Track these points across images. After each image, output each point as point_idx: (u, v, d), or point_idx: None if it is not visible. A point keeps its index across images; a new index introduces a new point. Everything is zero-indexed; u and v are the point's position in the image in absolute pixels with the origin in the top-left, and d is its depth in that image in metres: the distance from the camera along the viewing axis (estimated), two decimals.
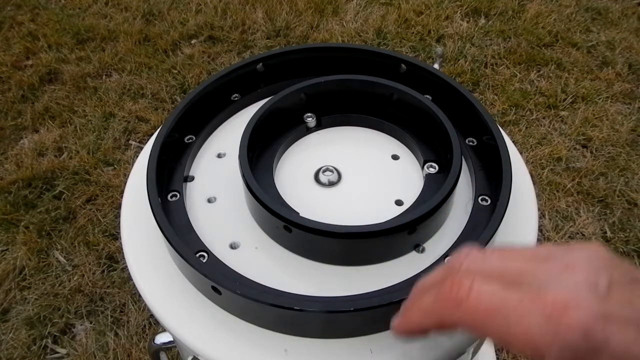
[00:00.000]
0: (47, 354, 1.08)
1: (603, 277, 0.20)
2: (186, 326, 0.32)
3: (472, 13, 1.93)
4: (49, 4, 2.07)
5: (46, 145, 1.50)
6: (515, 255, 0.22)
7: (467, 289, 0.21)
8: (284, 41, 1.83)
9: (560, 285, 0.19)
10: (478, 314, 0.20)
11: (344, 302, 0.29)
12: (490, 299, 0.20)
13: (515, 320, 0.19)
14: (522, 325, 0.19)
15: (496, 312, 0.20)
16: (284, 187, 0.38)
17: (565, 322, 0.19)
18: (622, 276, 0.20)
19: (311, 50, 0.46)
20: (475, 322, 0.20)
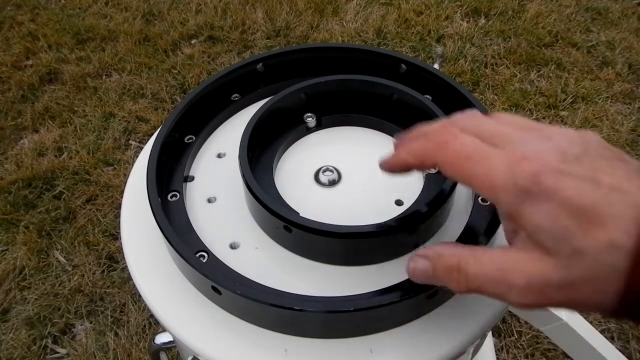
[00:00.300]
0: (47, 354, 1.09)
1: (576, 147, 0.22)
2: (186, 326, 0.32)
3: (472, 13, 1.93)
4: (49, 4, 2.07)
5: (46, 145, 1.50)
6: (509, 122, 0.25)
7: (454, 137, 0.24)
8: (284, 41, 1.83)
9: (531, 146, 0.23)
10: (456, 157, 0.24)
11: (344, 302, 0.29)
12: (471, 147, 0.23)
13: (484, 166, 0.23)
14: (488, 170, 0.23)
15: (471, 158, 0.23)
16: (284, 187, 0.38)
17: (520, 169, 0.22)
18: (605, 152, 0.22)
19: (311, 50, 0.46)
20: (452, 164, 0.24)
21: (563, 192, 0.21)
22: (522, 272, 0.22)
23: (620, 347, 1.05)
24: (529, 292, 0.22)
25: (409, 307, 0.31)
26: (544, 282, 0.21)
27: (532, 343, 1.07)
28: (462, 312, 0.32)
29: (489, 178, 0.23)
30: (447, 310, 0.32)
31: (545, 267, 0.21)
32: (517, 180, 0.22)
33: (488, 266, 0.23)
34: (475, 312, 0.32)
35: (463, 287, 0.24)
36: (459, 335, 0.31)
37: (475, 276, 0.23)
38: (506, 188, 0.22)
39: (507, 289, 0.22)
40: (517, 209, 0.22)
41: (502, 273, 0.22)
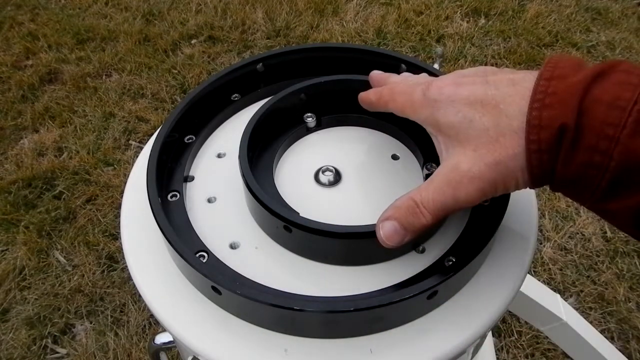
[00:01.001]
0: (47, 354, 1.09)
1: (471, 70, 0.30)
2: (186, 326, 0.32)
3: (472, 13, 1.93)
4: (49, 4, 2.07)
5: (46, 145, 1.50)
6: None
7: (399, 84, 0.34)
8: (284, 41, 1.83)
9: (438, 78, 0.31)
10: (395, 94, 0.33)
11: (344, 302, 0.29)
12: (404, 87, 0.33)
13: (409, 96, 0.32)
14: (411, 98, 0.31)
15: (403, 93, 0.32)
16: (284, 187, 0.38)
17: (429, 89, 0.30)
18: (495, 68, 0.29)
19: (311, 50, 0.46)
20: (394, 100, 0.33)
21: (461, 94, 0.28)
22: (457, 170, 0.27)
23: (620, 347, 1.05)
24: (470, 182, 0.27)
25: (409, 307, 0.31)
26: (474, 166, 0.26)
27: (532, 343, 1.07)
28: (462, 312, 0.32)
29: (412, 103, 0.31)
30: (447, 311, 0.32)
31: (468, 156, 0.27)
32: (428, 96, 0.29)
33: (433, 184, 0.28)
34: (475, 313, 0.32)
35: (430, 214, 0.28)
36: (459, 335, 0.31)
37: (432, 199, 0.28)
38: (422, 105, 0.30)
39: (455, 190, 0.27)
40: (433, 118, 0.29)
41: (446, 181, 0.28)
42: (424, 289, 0.29)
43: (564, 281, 1.17)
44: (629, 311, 1.11)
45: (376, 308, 0.29)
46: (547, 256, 1.21)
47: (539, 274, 1.18)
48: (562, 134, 0.24)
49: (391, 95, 0.33)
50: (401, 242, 0.29)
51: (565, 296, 1.14)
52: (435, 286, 0.30)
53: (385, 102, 0.34)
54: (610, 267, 1.18)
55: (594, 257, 1.21)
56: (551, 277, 1.18)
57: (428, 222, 0.28)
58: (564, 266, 1.19)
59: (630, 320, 1.09)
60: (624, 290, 1.14)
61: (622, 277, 1.17)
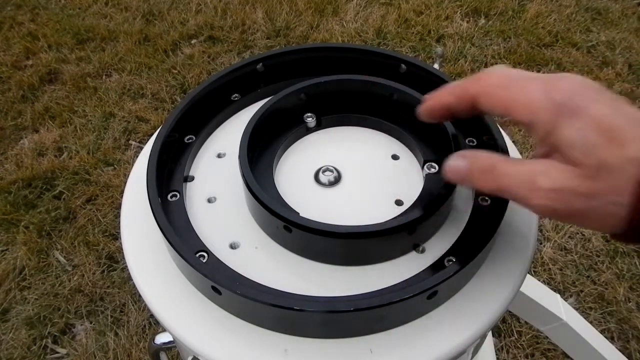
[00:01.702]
0: (47, 354, 1.09)
1: (597, 84, 0.25)
2: (186, 326, 0.32)
3: (472, 13, 1.94)
4: (49, 4, 2.07)
5: (46, 145, 1.50)
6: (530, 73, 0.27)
7: (490, 74, 0.27)
8: (284, 41, 1.83)
9: (562, 75, 0.25)
10: (495, 86, 0.26)
11: (344, 302, 0.29)
12: (508, 79, 0.26)
13: (521, 92, 0.25)
14: (525, 94, 0.25)
15: (508, 87, 0.26)
16: (284, 187, 0.38)
17: (556, 89, 0.25)
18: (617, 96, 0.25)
19: (311, 50, 0.46)
20: (491, 94, 0.26)
21: (593, 112, 0.24)
22: (549, 177, 0.24)
23: (620, 347, 1.05)
24: (552, 195, 0.24)
25: (409, 307, 0.31)
26: (568, 189, 0.24)
27: (532, 343, 1.07)
28: (462, 312, 0.32)
29: (527, 101, 0.25)
30: (447, 310, 0.32)
31: (572, 176, 0.24)
32: (554, 98, 0.24)
33: (519, 167, 0.26)
34: (475, 312, 0.32)
35: (492, 185, 0.26)
36: (459, 335, 0.31)
37: (505, 175, 0.26)
38: (544, 106, 0.25)
39: (532, 191, 0.25)
40: (553, 125, 0.24)
41: (530, 176, 0.25)
42: (424, 289, 0.29)
43: (564, 281, 1.17)
44: (629, 311, 1.10)
45: (376, 308, 0.29)
46: (547, 256, 1.21)
47: (539, 274, 1.18)
48: None
49: (484, 89, 0.27)
50: (458, 182, 0.29)
51: (565, 296, 1.14)
52: (435, 286, 0.30)
53: (473, 98, 0.27)
54: (610, 267, 1.18)
55: (594, 257, 1.21)
56: (551, 277, 1.18)
57: (486, 190, 0.27)
58: (564, 266, 1.19)
59: (630, 320, 1.09)
60: (624, 290, 1.14)
61: (622, 277, 1.17)
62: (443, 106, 0.30)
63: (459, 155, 0.28)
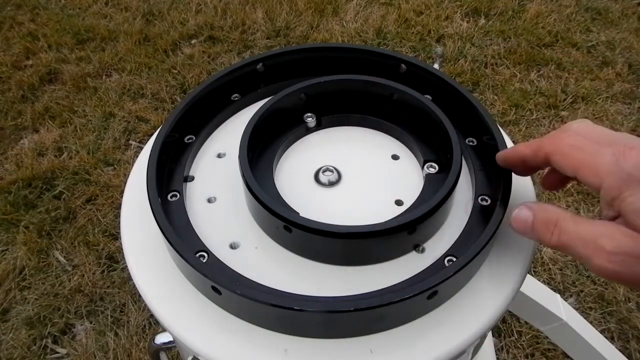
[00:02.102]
0: (47, 354, 1.09)
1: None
2: (186, 326, 0.32)
3: (472, 13, 1.94)
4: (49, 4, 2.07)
5: (46, 145, 1.50)
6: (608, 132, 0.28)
7: (565, 134, 0.28)
8: (284, 41, 1.83)
9: (636, 141, 0.26)
10: (568, 147, 0.27)
11: (344, 302, 0.29)
12: (583, 141, 0.27)
13: (591, 155, 0.26)
14: (595, 159, 0.26)
15: (581, 149, 0.27)
16: (284, 187, 0.38)
17: (625, 157, 0.25)
18: None
19: (311, 50, 0.46)
20: (563, 153, 0.28)
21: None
22: (612, 240, 0.25)
23: (620, 347, 1.05)
24: (614, 258, 0.24)
25: (409, 307, 0.31)
26: (630, 253, 0.24)
27: (532, 343, 1.07)
28: (462, 312, 0.32)
29: (595, 165, 0.26)
30: (447, 311, 0.32)
31: (635, 241, 0.24)
32: (622, 166, 0.25)
33: (583, 227, 0.26)
34: (476, 312, 0.32)
35: (555, 240, 0.27)
36: (459, 335, 0.31)
37: (569, 232, 0.26)
38: (611, 173, 0.25)
39: (594, 252, 0.25)
40: (620, 193, 0.25)
41: (593, 236, 0.25)
42: (424, 289, 0.29)
43: (564, 281, 1.17)
44: (629, 311, 1.10)
45: (376, 308, 0.29)
46: (547, 256, 1.21)
47: (539, 274, 1.18)
48: None
49: (559, 147, 0.28)
50: (522, 234, 0.29)
51: (565, 296, 1.14)
52: (435, 286, 0.30)
53: (548, 155, 0.29)
54: None
55: None
56: (551, 277, 1.18)
57: (550, 244, 0.28)
58: (564, 266, 1.19)
59: (630, 320, 1.09)
60: (624, 290, 1.14)
61: None
62: (518, 157, 0.32)
63: (525, 206, 0.29)
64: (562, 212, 0.27)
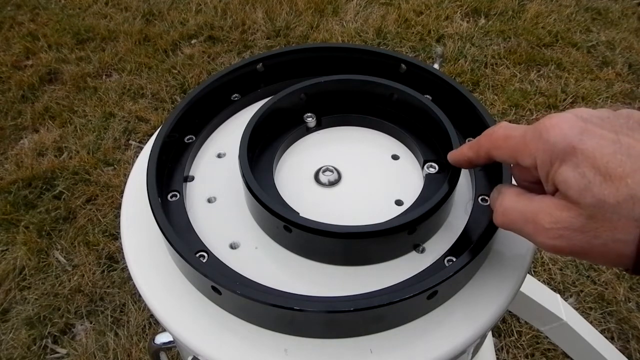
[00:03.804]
0: (47, 354, 1.09)
1: (598, 112, 0.25)
2: (186, 326, 0.32)
3: (472, 13, 1.93)
4: (49, 4, 2.07)
5: (46, 145, 1.50)
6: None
7: (496, 128, 0.29)
8: (284, 41, 1.83)
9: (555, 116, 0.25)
10: (499, 139, 0.29)
11: (344, 302, 0.29)
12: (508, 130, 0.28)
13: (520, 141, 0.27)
14: (523, 142, 0.26)
15: (509, 137, 0.28)
16: (284, 187, 0.38)
17: (549, 134, 0.25)
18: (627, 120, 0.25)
19: (311, 50, 0.46)
20: (497, 146, 0.29)
21: (587, 149, 0.23)
22: (549, 215, 0.25)
23: (620, 347, 1.05)
24: (552, 234, 0.25)
25: (409, 307, 0.31)
26: (567, 226, 0.24)
27: (532, 343, 1.07)
28: (461, 312, 0.32)
29: (526, 147, 0.26)
30: (447, 311, 0.32)
31: (569, 214, 0.24)
32: (547, 139, 0.25)
33: (523, 203, 0.27)
34: (475, 312, 0.32)
35: (500, 219, 0.28)
36: (459, 335, 0.31)
37: (511, 211, 0.27)
38: (540, 150, 0.25)
39: (535, 229, 0.26)
40: (550, 165, 0.25)
41: (533, 213, 0.26)
42: (424, 289, 0.29)
43: (564, 281, 1.17)
44: (629, 311, 1.10)
45: (376, 308, 0.29)
46: (547, 256, 1.21)
47: (539, 274, 1.18)
48: None
49: (493, 142, 0.29)
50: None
51: (565, 296, 1.14)
52: (435, 286, 0.30)
53: (487, 151, 0.30)
54: (610, 267, 1.18)
55: None
56: (551, 277, 1.18)
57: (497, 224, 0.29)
58: (564, 266, 1.19)
59: (630, 320, 1.09)
60: (624, 290, 1.14)
61: (622, 277, 1.17)
62: (464, 159, 0.33)
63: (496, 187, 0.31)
64: (507, 189, 0.29)
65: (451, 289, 0.32)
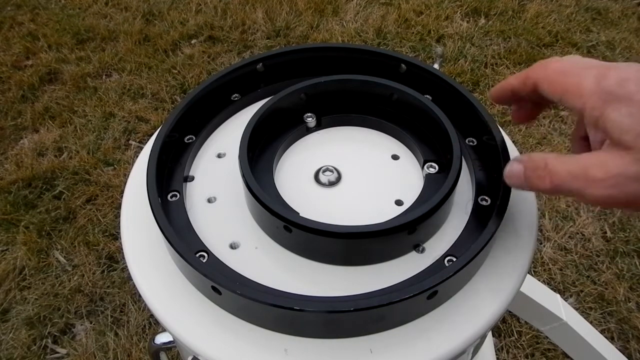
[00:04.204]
0: (47, 354, 1.09)
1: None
2: (186, 326, 0.32)
3: (472, 13, 1.93)
4: (49, 4, 2.07)
5: (46, 145, 1.50)
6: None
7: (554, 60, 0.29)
8: (284, 41, 1.83)
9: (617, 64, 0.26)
10: (554, 72, 0.28)
11: (344, 302, 0.29)
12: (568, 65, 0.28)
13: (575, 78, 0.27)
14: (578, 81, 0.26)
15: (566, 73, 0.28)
16: (284, 187, 0.38)
17: (607, 76, 0.25)
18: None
19: (311, 50, 0.46)
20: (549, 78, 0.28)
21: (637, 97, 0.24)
22: (601, 167, 0.25)
23: (620, 347, 1.05)
24: (606, 184, 0.24)
25: (409, 307, 0.31)
26: (622, 174, 0.24)
27: (532, 343, 1.07)
28: (462, 312, 0.32)
29: (579, 88, 0.26)
30: (447, 311, 0.32)
31: (623, 161, 0.24)
32: (603, 85, 0.25)
33: (571, 163, 0.26)
34: (476, 312, 0.32)
35: (547, 183, 0.27)
36: (459, 335, 0.31)
37: (559, 172, 0.27)
38: (593, 93, 0.25)
39: (586, 183, 0.25)
40: (602, 112, 0.25)
41: (583, 169, 0.25)
42: (424, 289, 0.29)
43: (564, 281, 1.17)
44: (629, 311, 1.10)
45: (376, 308, 0.29)
46: (547, 256, 1.21)
47: (539, 274, 1.18)
48: None
49: (545, 74, 0.29)
50: (519, 188, 0.30)
51: (565, 296, 1.14)
52: (435, 286, 0.30)
53: (536, 82, 0.29)
54: (610, 267, 1.18)
55: (594, 257, 1.21)
56: (551, 277, 1.18)
57: (545, 189, 0.28)
58: (564, 266, 1.19)
59: (630, 320, 1.09)
60: (624, 290, 1.14)
61: (622, 277, 1.17)
62: (509, 88, 0.32)
63: (514, 159, 0.29)
64: (548, 155, 0.28)
65: (451, 289, 0.32)
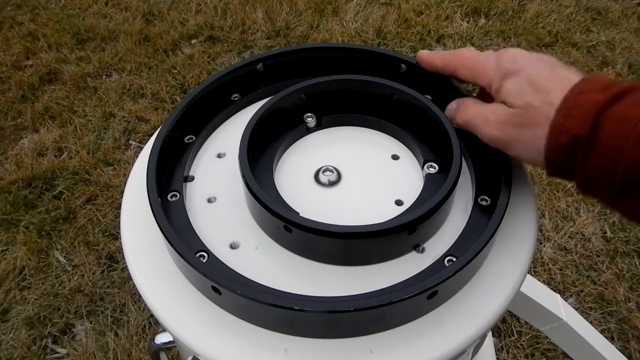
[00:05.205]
0: (47, 354, 1.09)
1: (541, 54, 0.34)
2: (186, 326, 0.32)
3: (472, 13, 1.94)
4: (49, 4, 2.07)
5: (46, 145, 1.50)
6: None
7: (465, 50, 0.38)
8: (284, 41, 1.83)
9: (511, 49, 0.35)
10: (468, 59, 0.37)
11: (344, 302, 0.29)
12: (476, 55, 0.37)
13: (482, 62, 0.36)
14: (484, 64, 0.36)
15: (475, 59, 0.36)
16: (284, 187, 0.38)
17: (503, 58, 0.34)
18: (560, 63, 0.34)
19: (311, 50, 0.46)
20: (464, 64, 0.37)
21: (528, 71, 0.33)
22: (495, 113, 0.34)
23: (620, 347, 1.05)
24: (495, 126, 0.34)
25: (409, 307, 0.31)
26: (504, 120, 0.33)
27: (532, 343, 1.07)
28: (462, 312, 0.32)
29: (484, 69, 0.35)
30: (447, 311, 0.32)
31: (509, 113, 0.33)
32: (500, 64, 0.34)
33: (479, 106, 0.36)
34: (475, 312, 0.32)
35: (462, 118, 0.37)
36: (459, 335, 0.31)
37: (470, 111, 0.36)
38: (494, 72, 0.34)
39: (483, 122, 0.35)
40: (500, 83, 0.34)
41: (485, 112, 0.35)
42: (424, 289, 0.29)
43: (564, 281, 1.17)
44: (629, 311, 1.11)
45: (376, 308, 0.29)
46: (547, 256, 1.21)
47: (539, 274, 1.18)
48: (577, 141, 0.29)
49: (462, 62, 0.37)
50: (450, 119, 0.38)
51: (565, 296, 1.14)
52: (435, 286, 0.30)
53: (454, 69, 0.38)
54: (610, 267, 1.18)
55: (594, 257, 1.21)
56: (551, 277, 1.18)
57: (459, 122, 0.37)
58: (564, 266, 1.19)
59: (630, 320, 1.09)
60: (624, 290, 1.14)
61: (622, 277, 1.17)
62: (432, 68, 0.40)
63: (455, 100, 0.38)
64: (468, 99, 0.37)
65: (451, 289, 0.33)
